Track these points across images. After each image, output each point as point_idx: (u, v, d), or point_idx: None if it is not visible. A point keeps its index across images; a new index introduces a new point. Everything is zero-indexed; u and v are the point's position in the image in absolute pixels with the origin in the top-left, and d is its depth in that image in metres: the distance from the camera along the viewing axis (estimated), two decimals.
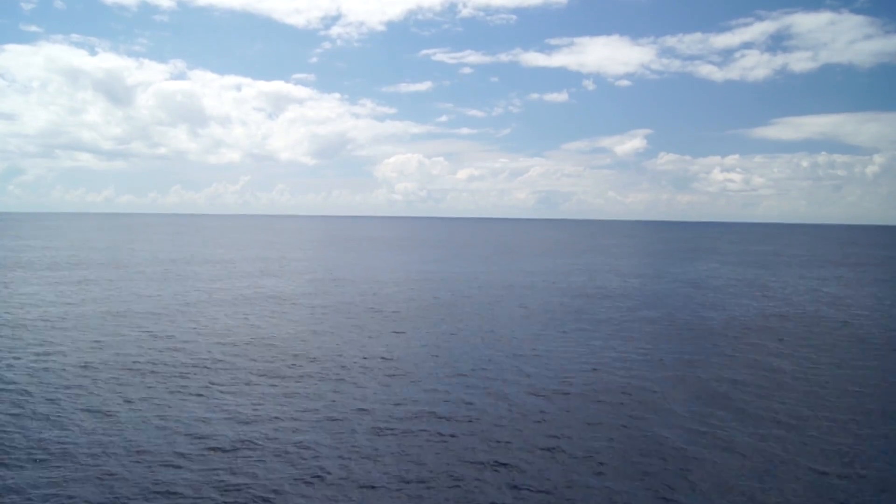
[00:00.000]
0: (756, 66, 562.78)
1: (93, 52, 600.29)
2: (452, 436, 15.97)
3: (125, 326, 28.98)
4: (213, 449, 14.74)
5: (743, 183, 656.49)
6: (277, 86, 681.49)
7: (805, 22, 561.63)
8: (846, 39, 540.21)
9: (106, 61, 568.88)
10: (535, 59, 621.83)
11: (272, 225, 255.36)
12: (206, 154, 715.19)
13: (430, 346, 26.59)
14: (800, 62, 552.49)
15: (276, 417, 17.05)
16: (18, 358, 22.72)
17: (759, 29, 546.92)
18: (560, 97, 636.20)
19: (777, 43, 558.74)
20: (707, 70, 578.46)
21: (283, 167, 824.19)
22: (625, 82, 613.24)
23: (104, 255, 73.70)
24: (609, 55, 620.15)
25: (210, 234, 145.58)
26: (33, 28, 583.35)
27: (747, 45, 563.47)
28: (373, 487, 13.05)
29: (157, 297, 38.77)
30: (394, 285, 47.14)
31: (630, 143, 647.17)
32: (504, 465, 14.25)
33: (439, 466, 14.10)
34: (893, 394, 20.59)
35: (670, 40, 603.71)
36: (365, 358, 23.94)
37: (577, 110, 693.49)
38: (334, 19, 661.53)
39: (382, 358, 24.05)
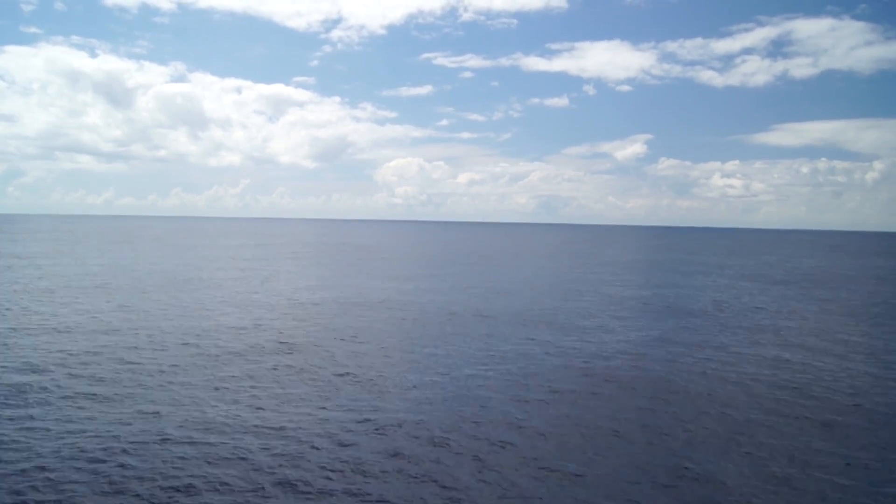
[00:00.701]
0: (757, 72, 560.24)
1: (93, 54, 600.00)
2: None
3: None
4: None
5: (743, 188, 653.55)
6: (278, 89, 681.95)
7: (806, 28, 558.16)
8: (847, 46, 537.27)
9: (106, 63, 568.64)
10: (535, 63, 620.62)
11: (268, 229, 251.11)
12: (206, 157, 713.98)
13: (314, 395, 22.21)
14: (800, 68, 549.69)
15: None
16: None
17: (760, 35, 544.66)
18: (561, 102, 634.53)
19: (778, 49, 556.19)
20: (708, 75, 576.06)
21: (284, 170, 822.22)
22: (625, 87, 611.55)
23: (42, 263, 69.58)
24: (610, 60, 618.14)
25: (196, 240, 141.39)
26: (33, 29, 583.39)
27: (748, 51, 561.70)
28: None
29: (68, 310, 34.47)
30: (350, 305, 42.86)
31: (630, 149, 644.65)
32: None
33: None
34: None
35: (671, 45, 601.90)
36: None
37: (578, 115, 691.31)
38: (335, 22, 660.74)
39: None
